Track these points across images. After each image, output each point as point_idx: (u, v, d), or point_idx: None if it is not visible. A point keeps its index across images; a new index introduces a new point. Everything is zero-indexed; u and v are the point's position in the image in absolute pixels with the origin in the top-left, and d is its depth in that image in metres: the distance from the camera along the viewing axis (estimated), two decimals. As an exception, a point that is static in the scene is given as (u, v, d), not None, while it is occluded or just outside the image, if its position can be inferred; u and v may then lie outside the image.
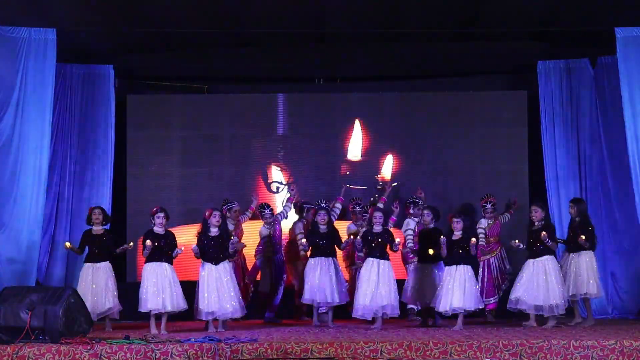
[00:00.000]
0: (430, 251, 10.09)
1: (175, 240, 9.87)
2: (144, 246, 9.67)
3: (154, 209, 9.89)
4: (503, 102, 12.22)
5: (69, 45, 10.87)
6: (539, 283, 9.75)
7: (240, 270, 10.83)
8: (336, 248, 10.37)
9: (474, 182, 11.92)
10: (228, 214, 10.71)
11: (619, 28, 10.43)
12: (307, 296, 10.18)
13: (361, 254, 10.14)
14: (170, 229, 10.04)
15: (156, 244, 9.64)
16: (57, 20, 10.50)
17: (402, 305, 10.18)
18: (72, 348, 7.97)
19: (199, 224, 10.17)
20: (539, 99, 11.76)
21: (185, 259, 10.79)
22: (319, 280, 10.09)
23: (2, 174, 10.33)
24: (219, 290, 9.64)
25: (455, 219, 9.90)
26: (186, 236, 11.64)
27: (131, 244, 10.21)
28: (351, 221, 11.20)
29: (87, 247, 10.13)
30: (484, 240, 10.75)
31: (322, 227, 10.26)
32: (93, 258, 10.04)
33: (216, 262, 9.73)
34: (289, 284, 11.12)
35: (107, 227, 10.36)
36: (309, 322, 10.56)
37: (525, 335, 8.83)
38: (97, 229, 10.16)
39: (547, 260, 9.85)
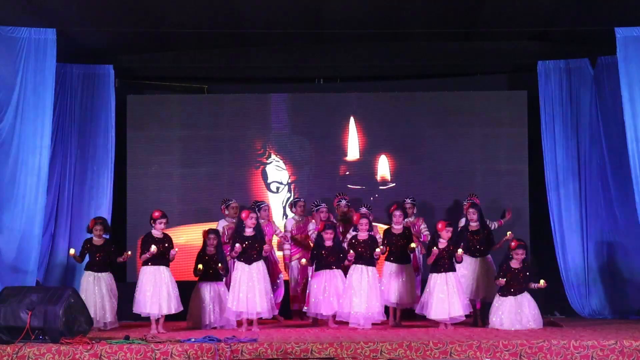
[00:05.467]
0: (413, 245, 10.23)
1: (172, 243, 9.87)
2: (143, 250, 9.68)
3: (157, 214, 9.85)
4: (503, 102, 12.21)
5: (69, 45, 10.87)
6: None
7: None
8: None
9: (473, 182, 11.91)
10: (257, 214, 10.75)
11: (619, 28, 10.41)
12: (312, 310, 10.09)
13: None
14: (170, 229, 10.03)
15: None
16: (57, 20, 10.50)
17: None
18: (72, 348, 7.97)
19: (199, 223, 10.19)
20: (539, 99, 11.75)
21: (192, 259, 10.87)
22: (325, 293, 10.04)
23: (2, 174, 10.31)
24: (248, 290, 9.61)
25: (447, 228, 9.89)
26: (186, 236, 11.68)
27: (129, 252, 10.20)
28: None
29: (87, 256, 10.16)
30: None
31: (328, 242, 10.16)
32: (94, 267, 10.08)
33: (249, 262, 9.72)
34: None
35: (108, 236, 10.34)
36: (307, 322, 10.55)
37: (525, 335, 8.84)
38: (98, 240, 10.18)
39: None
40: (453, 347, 8.11)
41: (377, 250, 9.86)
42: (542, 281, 9.80)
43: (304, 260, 10.41)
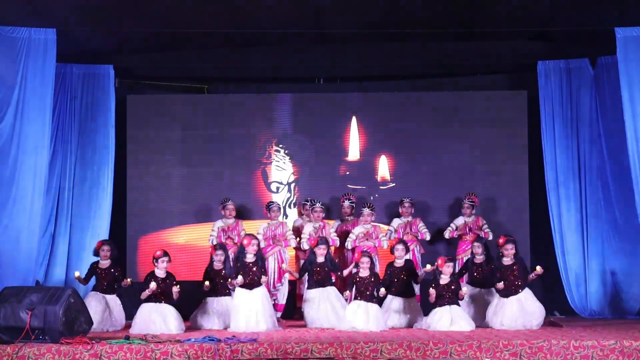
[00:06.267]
0: (428, 266, 10.20)
1: (175, 280, 9.77)
2: (144, 288, 9.60)
3: (158, 253, 9.80)
4: (503, 102, 12.21)
5: (69, 45, 10.87)
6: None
7: None
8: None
9: (473, 182, 11.92)
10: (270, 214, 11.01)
11: (619, 28, 10.42)
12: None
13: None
14: (170, 229, 10.00)
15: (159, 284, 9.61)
16: (57, 20, 10.50)
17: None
18: (72, 348, 7.97)
19: (199, 223, 10.17)
20: (539, 99, 11.76)
21: (192, 259, 10.83)
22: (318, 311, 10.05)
23: (2, 173, 10.30)
24: (249, 316, 9.52)
25: (447, 263, 9.86)
26: (186, 236, 11.69)
27: (129, 280, 10.13)
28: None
29: (94, 277, 10.17)
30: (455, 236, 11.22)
31: (320, 259, 10.19)
32: (101, 289, 10.09)
33: (250, 287, 9.67)
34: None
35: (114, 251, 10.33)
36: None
37: (525, 335, 8.84)
38: (105, 262, 10.17)
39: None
40: (453, 347, 8.11)
41: (382, 290, 9.77)
42: (538, 267, 9.79)
43: (285, 266, 10.51)
